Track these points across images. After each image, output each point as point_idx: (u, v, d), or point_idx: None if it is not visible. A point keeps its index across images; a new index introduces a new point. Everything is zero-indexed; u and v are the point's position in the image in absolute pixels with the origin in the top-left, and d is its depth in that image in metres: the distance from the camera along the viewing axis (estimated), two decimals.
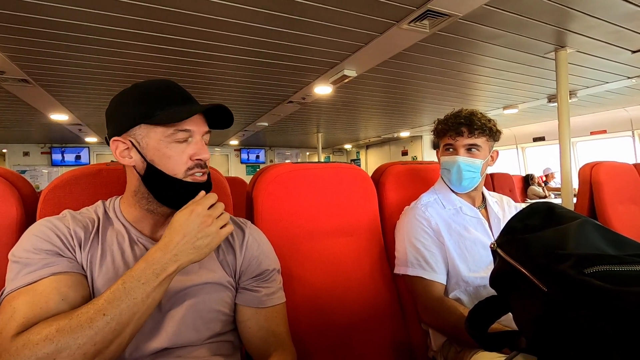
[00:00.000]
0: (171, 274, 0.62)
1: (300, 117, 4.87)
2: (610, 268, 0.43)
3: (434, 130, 1.20)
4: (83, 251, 0.68)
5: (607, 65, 2.85)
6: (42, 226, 0.67)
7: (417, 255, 1.11)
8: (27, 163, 6.76)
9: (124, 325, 0.57)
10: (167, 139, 0.69)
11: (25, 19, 1.81)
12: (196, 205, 0.66)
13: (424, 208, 1.15)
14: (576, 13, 1.94)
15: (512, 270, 0.52)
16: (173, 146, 0.69)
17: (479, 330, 0.61)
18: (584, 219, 0.53)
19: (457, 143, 1.11)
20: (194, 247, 0.64)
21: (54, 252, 0.64)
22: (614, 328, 0.39)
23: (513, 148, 6.57)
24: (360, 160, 9.23)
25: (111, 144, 0.71)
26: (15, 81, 2.78)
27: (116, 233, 0.73)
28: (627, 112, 4.74)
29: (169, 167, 0.69)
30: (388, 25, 2.04)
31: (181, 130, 0.69)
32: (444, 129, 1.14)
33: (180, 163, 0.69)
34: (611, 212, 1.74)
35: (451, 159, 1.12)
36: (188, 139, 0.71)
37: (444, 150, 1.16)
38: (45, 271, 0.61)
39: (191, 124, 0.70)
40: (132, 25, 1.94)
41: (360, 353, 1.09)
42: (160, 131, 0.69)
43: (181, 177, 0.70)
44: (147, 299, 0.59)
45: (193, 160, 0.71)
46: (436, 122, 1.19)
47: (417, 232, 1.12)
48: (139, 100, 0.70)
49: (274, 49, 2.36)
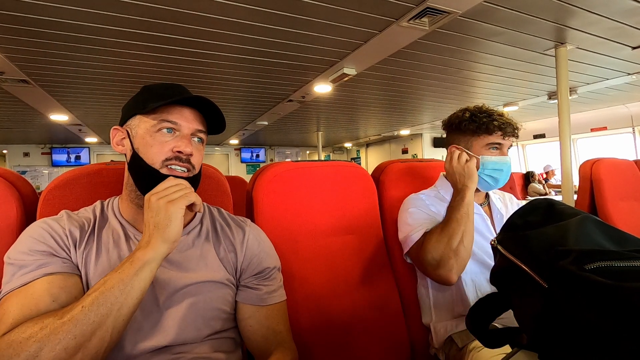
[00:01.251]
0: (147, 261, 0.61)
1: (300, 115, 4.87)
2: (610, 264, 0.42)
3: (472, 125, 1.08)
4: (78, 250, 0.69)
5: (608, 61, 2.84)
6: (37, 227, 0.68)
7: (420, 222, 1.09)
8: (27, 163, 6.77)
9: (103, 316, 0.57)
10: (152, 128, 0.71)
11: (25, 20, 1.81)
12: (151, 192, 0.66)
13: (425, 197, 1.17)
14: (576, 9, 1.94)
15: (512, 267, 0.52)
16: (157, 135, 0.71)
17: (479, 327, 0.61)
18: (585, 215, 0.53)
19: (506, 143, 1.10)
20: (157, 229, 0.63)
21: (48, 252, 0.65)
22: (615, 324, 0.39)
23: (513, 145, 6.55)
24: (360, 158, 9.23)
25: (111, 132, 0.76)
26: (15, 82, 2.78)
27: (112, 231, 0.73)
28: (627, 109, 4.73)
29: (149, 156, 0.70)
30: (387, 23, 2.03)
31: (166, 121, 0.71)
32: (494, 126, 1.06)
33: (159, 153, 0.70)
34: (612, 209, 1.74)
35: (503, 159, 1.09)
36: (175, 132, 0.72)
37: (487, 149, 1.09)
38: (38, 272, 0.62)
39: (179, 117, 0.72)
40: (132, 25, 1.94)
41: (361, 350, 1.09)
42: (149, 121, 0.72)
43: (157, 167, 0.70)
44: (124, 288, 0.59)
45: (174, 152, 0.71)
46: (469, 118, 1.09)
47: (416, 208, 1.13)
48: (140, 95, 0.74)
49: (274, 48, 2.35)
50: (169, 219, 0.63)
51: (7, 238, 0.85)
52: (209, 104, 0.74)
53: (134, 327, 0.67)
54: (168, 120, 0.71)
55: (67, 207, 0.83)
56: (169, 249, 0.64)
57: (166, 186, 0.66)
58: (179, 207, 0.64)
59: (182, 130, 0.72)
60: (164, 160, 0.70)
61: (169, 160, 0.71)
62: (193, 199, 0.66)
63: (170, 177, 0.68)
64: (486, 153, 1.09)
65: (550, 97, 3.95)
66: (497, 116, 1.08)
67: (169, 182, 0.67)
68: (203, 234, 0.79)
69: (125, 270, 0.60)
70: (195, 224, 0.80)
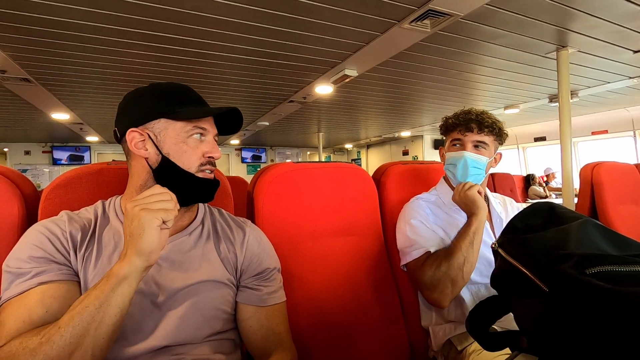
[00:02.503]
0: (124, 276, 0.58)
1: (301, 116, 4.87)
2: (611, 268, 0.42)
3: (442, 125, 1.19)
4: (79, 253, 0.69)
5: (609, 65, 2.84)
6: (36, 232, 0.68)
7: (420, 238, 1.10)
8: (28, 162, 6.78)
9: (80, 337, 0.55)
10: (185, 134, 0.72)
11: (27, 19, 1.81)
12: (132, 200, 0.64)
13: (424, 203, 1.17)
14: (577, 13, 1.94)
15: (513, 270, 0.52)
16: (189, 141, 0.73)
17: (479, 330, 0.61)
18: (585, 218, 0.53)
19: (466, 138, 1.11)
20: (131, 239, 0.60)
21: (45, 259, 0.65)
22: (615, 328, 0.39)
23: (514, 148, 6.56)
24: (361, 160, 9.22)
25: (127, 134, 0.71)
26: (16, 80, 2.79)
27: (113, 232, 0.73)
28: (628, 112, 4.73)
29: (184, 161, 0.72)
30: (389, 25, 2.04)
31: (199, 128, 0.74)
32: (453, 123, 1.13)
33: (194, 158, 0.73)
34: (612, 213, 1.74)
35: (458, 153, 1.11)
36: (202, 138, 0.75)
37: (450, 145, 1.15)
38: (33, 281, 0.62)
39: (206, 124, 0.75)
40: (133, 25, 1.94)
41: (361, 353, 1.09)
42: (180, 126, 0.72)
43: (194, 172, 0.73)
44: (101, 306, 0.56)
45: (205, 157, 0.74)
46: (444, 119, 1.18)
47: (416, 220, 1.13)
48: (158, 96, 0.74)
49: (275, 49, 2.36)
50: (142, 228, 0.59)
51: (9, 236, 0.85)
52: (236, 114, 0.79)
53: (133, 328, 0.67)
54: (200, 127, 0.74)
55: (69, 206, 0.84)
56: (146, 262, 0.60)
57: (149, 194, 0.63)
58: (153, 217, 0.59)
59: (209, 135, 0.76)
60: (199, 165, 0.73)
61: (203, 165, 0.74)
62: (171, 217, 0.62)
63: (156, 186, 0.65)
64: (450, 150, 1.16)
65: (551, 100, 3.95)
66: (461, 115, 1.12)
67: (154, 189, 0.64)
68: (205, 234, 0.80)
69: (102, 286, 0.58)
70: (197, 225, 0.80)
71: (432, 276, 1.02)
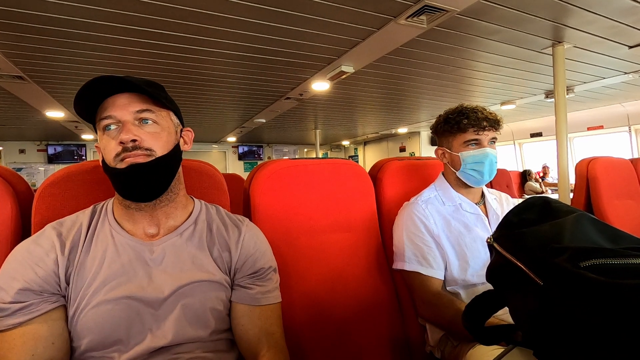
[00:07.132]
0: None
1: (297, 113, 4.85)
2: (605, 261, 0.43)
3: (447, 126, 1.13)
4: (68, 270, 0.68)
5: (604, 60, 2.85)
6: (18, 257, 0.66)
7: (415, 251, 1.11)
8: (23, 160, 6.72)
9: None
10: (100, 131, 0.71)
11: (20, 15, 1.79)
12: None
13: (423, 205, 1.15)
14: (573, 8, 1.94)
15: (508, 264, 0.53)
16: (104, 136, 0.70)
17: (475, 324, 0.61)
18: (580, 212, 0.53)
19: (483, 137, 1.10)
20: None
21: (26, 289, 0.63)
22: (609, 321, 0.39)
23: (510, 144, 6.59)
24: (358, 156, 9.23)
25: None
26: (10, 78, 2.76)
27: (101, 240, 0.72)
28: (623, 108, 4.76)
29: (106, 157, 0.70)
30: (385, 21, 2.03)
31: (103, 118, 0.69)
32: (467, 124, 1.09)
33: (110, 151, 0.68)
34: (607, 207, 1.75)
35: (482, 152, 1.10)
36: (114, 127, 0.69)
37: (465, 146, 1.11)
38: (15, 320, 0.61)
39: (112, 109, 0.69)
40: (128, 21, 1.92)
41: (358, 348, 1.09)
42: (99, 127, 0.71)
43: (114, 165, 0.68)
44: None
45: (120, 145, 0.68)
46: (444, 120, 1.15)
47: (415, 228, 1.12)
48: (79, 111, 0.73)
49: (271, 45, 2.34)
50: None
51: (2, 236, 0.84)
52: (120, 80, 0.67)
53: (129, 331, 0.67)
54: (104, 117, 0.69)
55: (63, 204, 0.83)
56: None
57: None
58: None
59: (122, 119, 0.69)
60: (114, 157, 0.68)
61: (118, 155, 0.68)
62: None
63: None
64: (465, 150, 1.12)
65: (548, 95, 3.96)
66: (470, 114, 1.10)
67: None
68: (197, 233, 0.78)
69: None
70: (189, 224, 0.78)
71: (425, 315, 1.13)
